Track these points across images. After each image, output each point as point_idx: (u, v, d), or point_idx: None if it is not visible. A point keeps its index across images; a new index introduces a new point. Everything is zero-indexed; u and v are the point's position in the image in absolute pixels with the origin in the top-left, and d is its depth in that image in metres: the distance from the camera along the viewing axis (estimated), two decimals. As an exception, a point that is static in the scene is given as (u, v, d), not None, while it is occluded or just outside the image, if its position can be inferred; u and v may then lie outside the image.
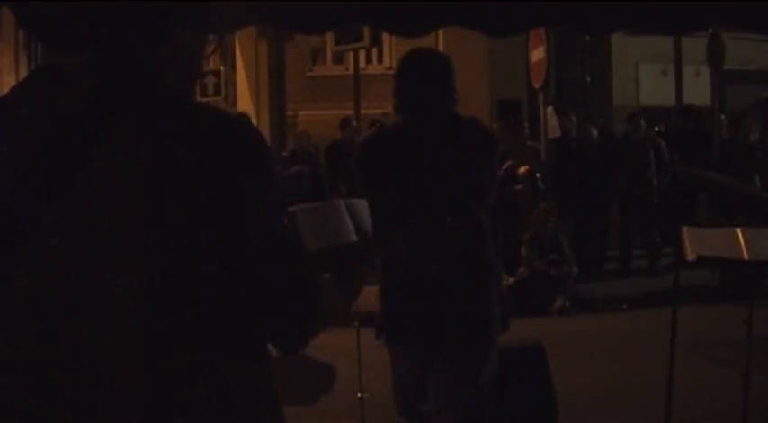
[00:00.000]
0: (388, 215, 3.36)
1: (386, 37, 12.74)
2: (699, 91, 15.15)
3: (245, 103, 15.04)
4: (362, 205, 3.68)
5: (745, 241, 4.28)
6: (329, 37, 14.35)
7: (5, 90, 1.65)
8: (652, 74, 18.17)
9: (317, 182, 11.92)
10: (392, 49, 17.07)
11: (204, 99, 12.30)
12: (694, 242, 4.35)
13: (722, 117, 12.58)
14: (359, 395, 4.78)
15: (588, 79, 17.57)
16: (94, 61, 1.52)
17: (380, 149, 3.48)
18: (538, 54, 10.75)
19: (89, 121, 1.47)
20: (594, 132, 12.08)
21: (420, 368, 3.47)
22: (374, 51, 17.61)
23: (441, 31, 12.23)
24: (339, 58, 17.78)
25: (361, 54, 12.47)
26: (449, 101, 3.44)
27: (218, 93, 13.70)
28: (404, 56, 3.62)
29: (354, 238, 3.70)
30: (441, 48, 13.97)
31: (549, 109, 10.92)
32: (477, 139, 3.43)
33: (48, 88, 1.52)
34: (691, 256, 4.30)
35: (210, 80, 17.73)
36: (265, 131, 12.49)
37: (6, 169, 1.46)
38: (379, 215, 3.45)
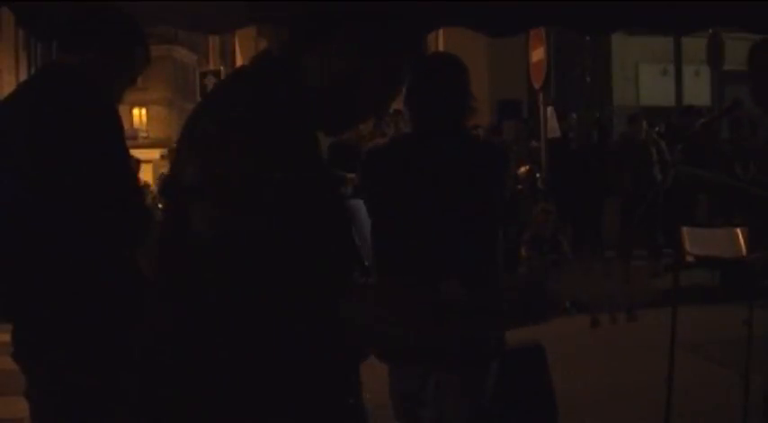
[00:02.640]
0: (394, 230, 3.27)
1: (386, 37, 12.70)
2: (699, 91, 15.16)
3: (244, 104, 15.00)
4: (360, 206, 3.59)
5: (745, 241, 4.28)
6: (329, 37, 14.31)
7: (6, 90, 1.66)
8: (652, 74, 18.18)
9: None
10: (392, 49, 16.99)
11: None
12: (694, 242, 4.35)
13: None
14: (359, 395, 4.77)
15: (588, 79, 17.58)
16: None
17: (389, 162, 3.34)
18: (538, 54, 10.76)
19: None
20: (594, 133, 12.07)
21: (419, 379, 3.38)
22: (374, 51, 17.58)
23: (441, 31, 12.23)
24: (339, 58, 17.74)
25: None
26: (465, 114, 3.31)
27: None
28: (416, 63, 3.37)
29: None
30: (440, 48, 13.97)
31: (549, 109, 10.93)
32: (490, 157, 3.32)
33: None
34: (691, 256, 4.30)
35: (210, 80, 17.69)
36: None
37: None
38: (383, 230, 3.33)
